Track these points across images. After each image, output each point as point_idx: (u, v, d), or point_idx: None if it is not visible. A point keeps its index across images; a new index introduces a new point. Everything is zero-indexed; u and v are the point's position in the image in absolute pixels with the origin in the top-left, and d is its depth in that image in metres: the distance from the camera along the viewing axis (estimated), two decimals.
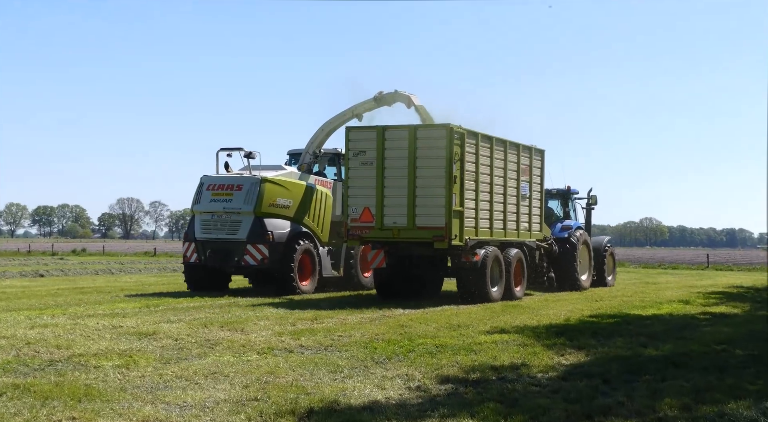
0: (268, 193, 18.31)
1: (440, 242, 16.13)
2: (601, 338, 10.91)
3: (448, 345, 10.09)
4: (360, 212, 16.79)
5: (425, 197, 16.39)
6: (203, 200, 18.65)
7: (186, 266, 19.07)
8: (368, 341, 10.38)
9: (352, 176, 16.94)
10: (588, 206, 24.03)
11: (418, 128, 16.88)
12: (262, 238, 18.01)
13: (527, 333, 11.23)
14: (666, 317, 13.83)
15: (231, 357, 9.13)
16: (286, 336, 10.69)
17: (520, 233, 18.84)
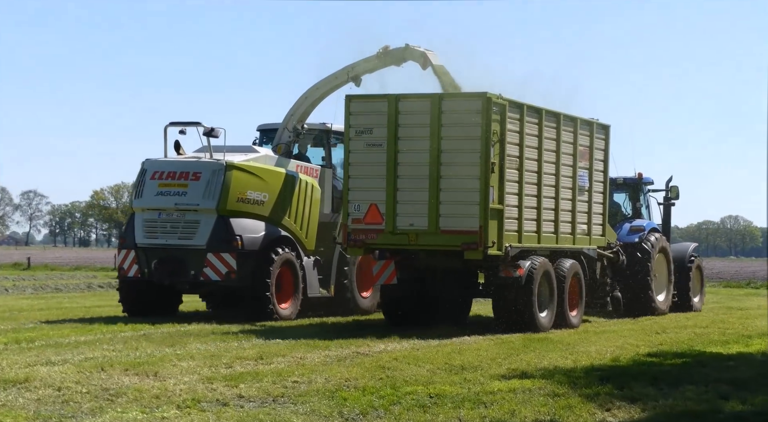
0: (235, 184, 18.42)
1: (473, 252, 16.39)
2: (664, 386, 10.98)
3: (447, 394, 10.12)
4: (365, 211, 17.07)
5: (453, 190, 16.64)
6: (147, 193, 18.72)
7: (122, 281, 19.23)
8: (335, 389, 10.40)
9: (354, 163, 17.18)
10: (667, 200, 24.48)
11: (444, 98, 17.11)
12: (228, 245, 18.18)
13: (559, 377, 11.30)
14: (757, 357, 13.94)
15: (139, 413, 9.11)
16: (218, 383, 10.68)
17: (576, 239, 19.20)
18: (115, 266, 19.17)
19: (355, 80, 20.97)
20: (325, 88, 21.00)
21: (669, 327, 18.77)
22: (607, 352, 14.09)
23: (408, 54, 20.83)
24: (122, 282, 19.28)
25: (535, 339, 15.64)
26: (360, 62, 20.94)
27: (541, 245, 17.99)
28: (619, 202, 24.42)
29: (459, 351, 13.89)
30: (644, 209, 24.31)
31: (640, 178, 24.21)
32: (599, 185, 20.07)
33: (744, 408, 9.69)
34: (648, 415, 9.33)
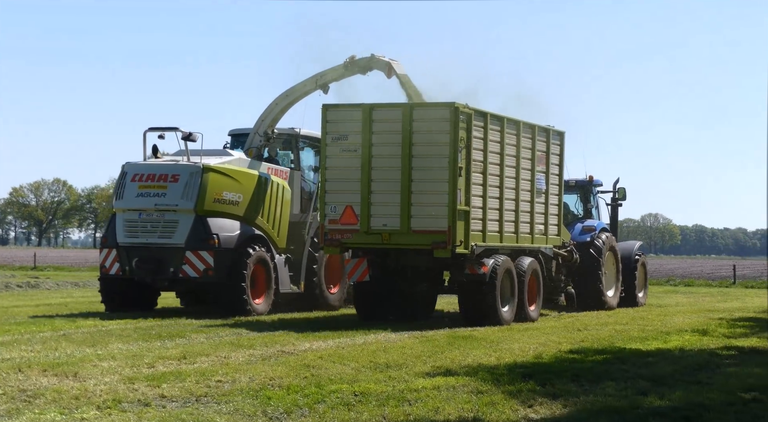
0: (212, 186, 19.46)
1: (442, 250, 17.60)
2: (585, 382, 11.14)
3: (371, 392, 10.15)
4: (340, 212, 18.23)
5: (423, 193, 17.84)
6: (127, 195, 19.72)
7: (103, 279, 20.18)
8: (259, 388, 10.36)
9: (330, 167, 18.37)
10: (614, 201, 25.91)
11: (415, 107, 18.48)
12: (206, 243, 19.19)
13: (482, 375, 11.39)
14: (675, 353, 14.21)
15: (57, 414, 8.98)
16: (140, 383, 10.58)
17: (534, 238, 20.48)
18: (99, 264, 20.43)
19: (323, 88, 22.04)
20: (294, 96, 22.07)
21: (590, 324, 19.03)
22: (530, 349, 14.24)
23: (373, 63, 21.86)
24: (103, 280, 20.16)
25: (459, 337, 15.75)
26: (328, 71, 21.99)
27: (503, 244, 19.18)
28: (570, 203, 25.27)
29: (384, 349, 13.92)
30: (594, 209, 25.40)
31: (591, 180, 25.39)
32: (555, 188, 21.39)
33: (662, 403, 9.87)
34: (569, 411, 9.45)
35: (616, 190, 25.93)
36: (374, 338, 15.54)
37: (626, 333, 17.24)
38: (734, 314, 22.19)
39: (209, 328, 16.54)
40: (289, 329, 16.69)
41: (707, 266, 69.49)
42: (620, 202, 26.01)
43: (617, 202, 25.99)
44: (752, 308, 25.04)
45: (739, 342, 15.68)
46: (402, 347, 14.23)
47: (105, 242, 20.19)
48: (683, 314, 22.32)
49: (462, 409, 9.37)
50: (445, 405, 9.55)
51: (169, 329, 16.25)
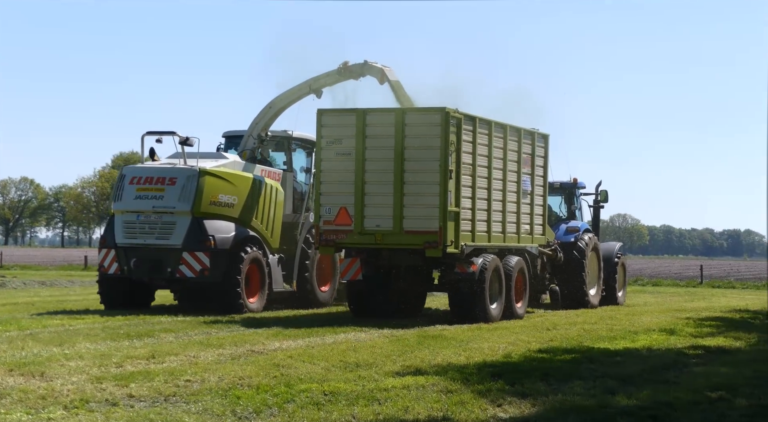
0: (208, 188, 20.11)
1: (433, 250, 18.30)
2: (554, 381, 11.19)
3: (341, 392, 10.14)
4: (335, 213, 18.86)
5: (415, 195, 18.53)
6: (126, 197, 20.33)
7: (102, 278, 20.77)
8: (228, 387, 10.33)
9: (325, 170, 19.02)
10: (596, 203, 26.78)
11: (407, 112, 19.17)
12: (202, 244, 19.81)
13: (452, 374, 11.41)
14: (643, 352, 14.31)
15: (24, 414, 8.92)
16: (108, 382, 10.51)
17: (520, 238, 21.25)
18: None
19: (316, 93, 22.75)
20: (287, 100, 22.75)
21: (559, 323, 19.11)
22: (500, 349, 14.28)
23: (366, 70, 22.63)
24: (102, 279, 20.74)
25: (429, 336, 15.76)
26: (321, 76, 22.73)
27: (491, 243, 19.91)
28: (554, 204, 25.99)
29: (354, 348, 13.92)
30: (577, 211, 26.32)
31: (575, 183, 26.24)
32: (540, 189, 22.13)
33: (630, 402, 9.93)
34: (538, 410, 9.49)
35: (599, 192, 26.72)
36: (344, 337, 15.54)
37: (595, 332, 17.33)
38: (701, 314, 22.36)
39: (178, 327, 16.46)
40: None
41: (675, 266, 70.02)
42: (602, 204, 26.81)
43: (599, 204, 26.76)
44: (719, 307, 25.26)
45: (705, 342, 15.80)
46: (372, 346, 14.23)
47: (104, 243, 20.75)
48: (651, 313, 22.47)
49: (431, 408, 9.39)
50: (414, 404, 9.56)
51: (137, 328, 16.16)
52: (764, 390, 10.87)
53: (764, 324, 19.97)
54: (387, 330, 16.81)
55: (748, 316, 22.27)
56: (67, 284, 33.64)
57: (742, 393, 10.55)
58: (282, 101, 22.77)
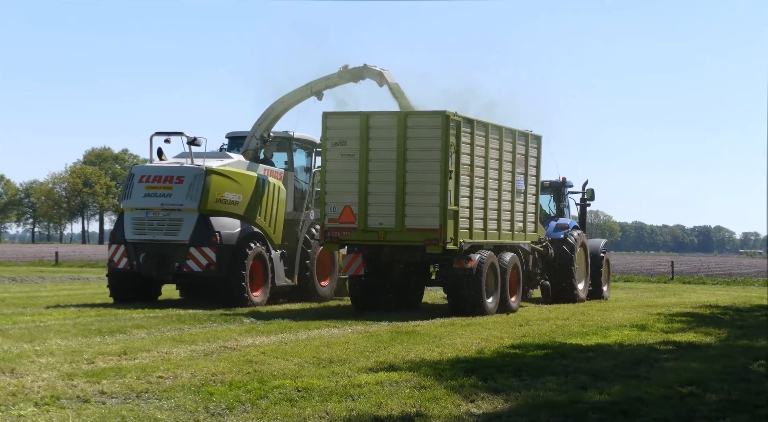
0: (214, 186, 21.00)
1: (433, 246, 19.20)
2: (526, 377, 11.24)
3: (314, 387, 10.14)
4: (339, 212, 19.80)
5: (417, 194, 19.41)
6: (135, 195, 21.18)
7: (111, 273, 21.61)
8: (201, 384, 10.30)
9: (330, 170, 19.95)
10: (583, 201, 27.68)
11: (408, 115, 20.13)
12: (208, 240, 20.72)
13: (425, 370, 11.44)
14: (614, 348, 14.39)
15: None
16: (79, 379, 10.46)
17: (514, 235, 22.18)
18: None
19: (318, 95, 23.57)
20: (289, 102, 23.61)
21: (532, 319, 19.19)
22: (473, 344, 14.32)
23: (366, 73, 23.51)
24: (111, 273, 21.62)
25: (402, 332, 15.78)
26: (322, 79, 23.56)
27: (487, 240, 20.83)
28: (544, 202, 26.71)
29: (327, 344, 13.92)
30: (566, 209, 27.31)
31: (564, 182, 27.20)
32: (532, 188, 23.13)
33: (602, 398, 9.99)
34: (510, 406, 9.52)
35: (585, 191, 27.62)
36: (317, 333, 15.53)
37: (567, 328, 17.41)
38: (672, 310, 22.53)
39: (150, 324, 16.39)
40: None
41: (646, 262, 70.46)
42: (589, 202, 27.68)
43: (586, 202, 27.63)
44: (689, 303, 25.45)
45: (676, 337, 15.92)
46: (345, 342, 14.23)
47: (114, 239, 21.61)
48: (623, 309, 22.60)
49: (405, 404, 9.40)
50: (387, 400, 9.57)
51: (109, 324, 16.08)
52: (734, 385, 10.98)
53: (734, 320, 20.14)
54: (361, 326, 16.82)
55: (718, 312, 22.45)
56: (37, 280, 33.39)
57: (712, 388, 10.65)
58: (284, 103, 23.56)
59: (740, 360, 13.16)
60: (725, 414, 9.29)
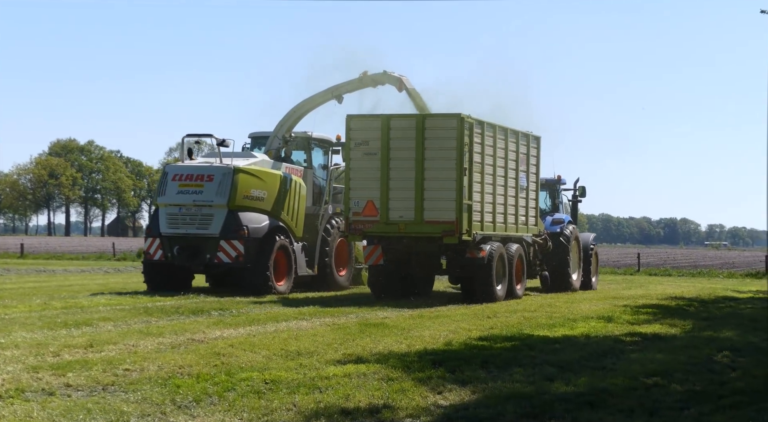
0: (242, 184, 22.69)
1: (450, 237, 21.01)
2: (494, 369, 11.29)
3: (282, 380, 10.14)
4: (363, 206, 21.55)
5: (434, 189, 21.18)
6: (169, 192, 22.84)
7: (146, 263, 23.37)
8: (168, 376, 10.27)
9: (354, 167, 21.68)
10: (575, 198, 29.57)
11: (426, 118, 21.92)
12: (237, 233, 22.44)
13: (393, 362, 11.46)
14: (581, 339, 14.48)
15: None
16: (44, 372, 10.40)
17: (518, 228, 24.03)
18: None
19: (338, 99, 25.57)
20: (311, 104, 25.55)
21: (500, 311, 19.26)
22: (441, 336, 14.36)
23: (385, 78, 25.47)
24: (147, 264, 23.37)
25: (371, 325, 15.80)
26: (342, 84, 25.55)
27: (496, 232, 22.64)
28: (540, 199, 27.72)
29: (295, 336, 13.91)
30: (560, 205, 28.96)
31: (559, 179, 28.94)
32: (533, 185, 24.99)
33: (568, 389, 10.05)
34: (478, 398, 9.57)
35: (577, 188, 29.43)
36: (285, 326, 15.52)
37: (534, 319, 17.49)
38: (638, 302, 22.69)
39: (117, 316, 16.31)
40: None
41: (613, 254, 70.82)
42: (580, 198, 29.47)
43: (577, 198, 29.44)
44: (655, 295, 25.65)
45: (642, 329, 16.05)
46: (313, 334, 14.23)
47: (149, 232, 23.40)
48: (589, 301, 22.74)
49: (372, 396, 9.42)
50: (355, 392, 9.59)
51: (75, 317, 15.98)
52: (698, 376, 11.10)
53: (699, 311, 20.32)
54: (329, 318, 16.82)
55: (684, 303, 22.64)
56: (2, 272, 33.12)
57: (676, 379, 10.75)
58: (306, 106, 25.44)
59: (705, 351, 13.28)
60: (690, 405, 9.38)
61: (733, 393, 9.98)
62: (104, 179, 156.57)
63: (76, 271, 35.74)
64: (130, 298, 20.25)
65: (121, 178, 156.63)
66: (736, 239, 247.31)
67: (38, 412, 8.49)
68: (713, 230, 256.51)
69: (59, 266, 39.31)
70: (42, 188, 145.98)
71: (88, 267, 39.20)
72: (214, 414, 8.62)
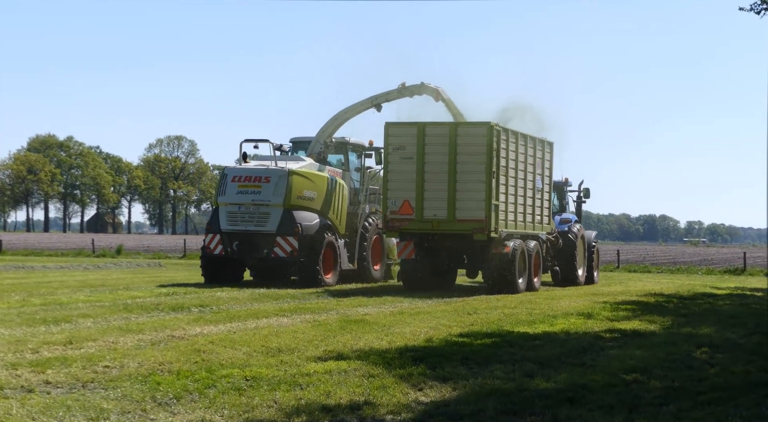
0: (295, 185, 25.01)
1: (480, 234, 23.43)
2: (474, 365, 11.31)
3: (263, 377, 10.13)
4: (399, 205, 23.87)
5: (465, 191, 23.50)
6: (229, 192, 25.15)
7: (206, 257, 25.56)
8: (148, 373, 10.24)
9: (391, 170, 24.00)
10: (579, 199, 31.83)
11: (459, 126, 24.45)
12: (292, 230, 24.71)
13: (374, 358, 11.47)
14: (560, 336, 14.51)
15: None
16: (23, 368, 10.36)
17: (535, 226, 26.28)
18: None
19: (377, 107, 27.95)
20: (351, 112, 27.91)
21: (480, 307, 19.29)
22: (421, 333, 14.38)
23: (423, 90, 27.91)
24: (204, 257, 25.60)
25: (351, 321, 15.80)
26: (382, 94, 27.97)
27: (517, 230, 24.94)
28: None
29: (276, 333, 13.89)
30: (567, 205, 31.30)
31: (566, 181, 31.33)
32: (546, 187, 27.20)
33: (548, 385, 10.09)
34: (458, 394, 9.59)
35: (581, 190, 31.68)
36: (266, 322, 15.50)
37: (514, 316, 17.53)
38: (618, 298, 22.77)
39: (96, 313, 16.24)
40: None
41: None
42: (584, 199, 31.65)
43: (582, 199, 31.65)
44: (635, 292, 25.76)
45: (621, 325, 16.11)
46: (294, 331, 14.22)
47: (210, 229, 25.56)
48: (569, 298, 22.82)
49: (353, 393, 9.43)
50: (336, 388, 9.59)
51: (54, 313, 15.91)
52: (677, 372, 11.15)
53: (678, 308, 20.42)
54: (310, 315, 16.81)
55: (663, 300, 22.74)
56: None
57: (655, 376, 10.80)
58: (346, 114, 27.75)
59: (683, 347, 13.35)
60: (668, 401, 9.43)
61: (712, 389, 10.05)
62: (83, 175, 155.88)
63: (55, 268, 35.56)
64: (110, 294, 20.17)
65: (100, 174, 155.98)
66: (714, 235, 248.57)
67: (17, 409, 8.45)
68: (692, 227, 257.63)
69: (38, 263, 39.10)
70: (20, 184, 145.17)
71: (68, 264, 39.01)
72: (194, 411, 8.60)
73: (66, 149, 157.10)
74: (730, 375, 10.97)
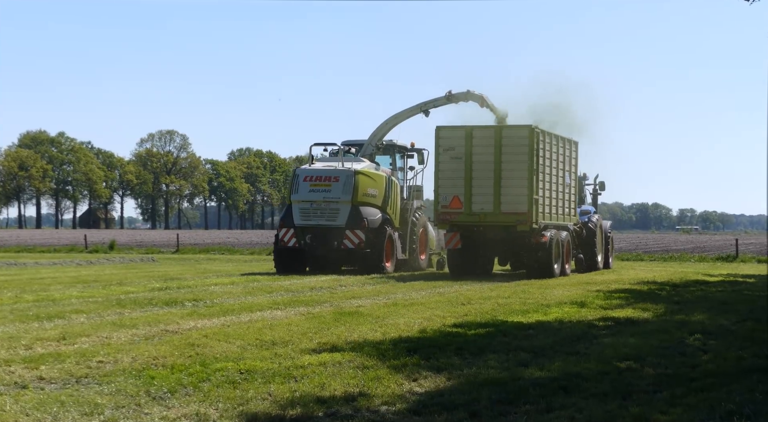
0: (361, 184, 27.98)
1: (523, 225, 26.30)
2: (468, 355, 11.33)
3: (257, 370, 10.13)
4: (450, 200, 26.82)
5: (509, 187, 26.32)
6: (301, 191, 28.13)
7: (279, 249, 28.74)
8: (142, 368, 10.23)
9: (442, 169, 27.01)
10: (595, 192, 34.46)
11: (503, 129, 27.37)
12: (360, 224, 27.75)
13: (368, 350, 11.47)
14: (554, 325, 14.54)
15: None
16: (17, 365, 10.33)
17: (565, 218, 29.22)
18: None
19: (425, 113, 31.06)
20: (401, 118, 30.97)
21: (474, 298, 19.31)
22: (415, 324, 14.39)
23: (469, 97, 30.86)
24: (280, 250, 28.71)
25: (345, 313, 15.81)
26: (430, 101, 31.20)
27: (552, 222, 27.75)
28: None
29: (270, 326, 13.89)
30: (585, 198, 33.55)
31: (585, 176, 33.77)
32: (573, 182, 30.00)
33: (542, 374, 10.11)
34: (453, 384, 9.60)
35: (597, 183, 34.35)
36: (260, 315, 15.50)
37: (508, 306, 17.56)
38: (611, 287, 22.81)
39: (90, 308, 16.22)
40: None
41: None
42: (600, 192, 34.26)
43: (597, 192, 34.27)
44: (627, 280, 25.81)
45: (614, 313, 16.14)
46: (288, 324, 14.22)
47: (283, 224, 28.54)
48: (563, 287, 22.85)
49: (348, 384, 9.43)
50: (331, 380, 9.60)
51: (47, 309, 15.88)
52: (670, 359, 11.18)
53: (671, 295, 20.46)
54: (304, 307, 16.81)
55: (656, 288, 22.79)
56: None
57: (649, 363, 10.83)
58: (396, 119, 30.73)
59: (676, 334, 13.39)
60: (662, 388, 9.46)
61: (705, 375, 10.08)
62: (75, 170, 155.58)
63: (48, 264, 35.51)
64: (103, 289, 20.15)
65: (92, 169, 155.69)
66: (707, 223, 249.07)
67: (11, 405, 8.44)
68: (684, 215, 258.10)
69: (30, 259, 39.03)
70: (12, 180, 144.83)
71: (60, 260, 38.95)
72: (189, 404, 8.60)
73: (57, 144, 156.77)
74: (723, 362, 11.01)
